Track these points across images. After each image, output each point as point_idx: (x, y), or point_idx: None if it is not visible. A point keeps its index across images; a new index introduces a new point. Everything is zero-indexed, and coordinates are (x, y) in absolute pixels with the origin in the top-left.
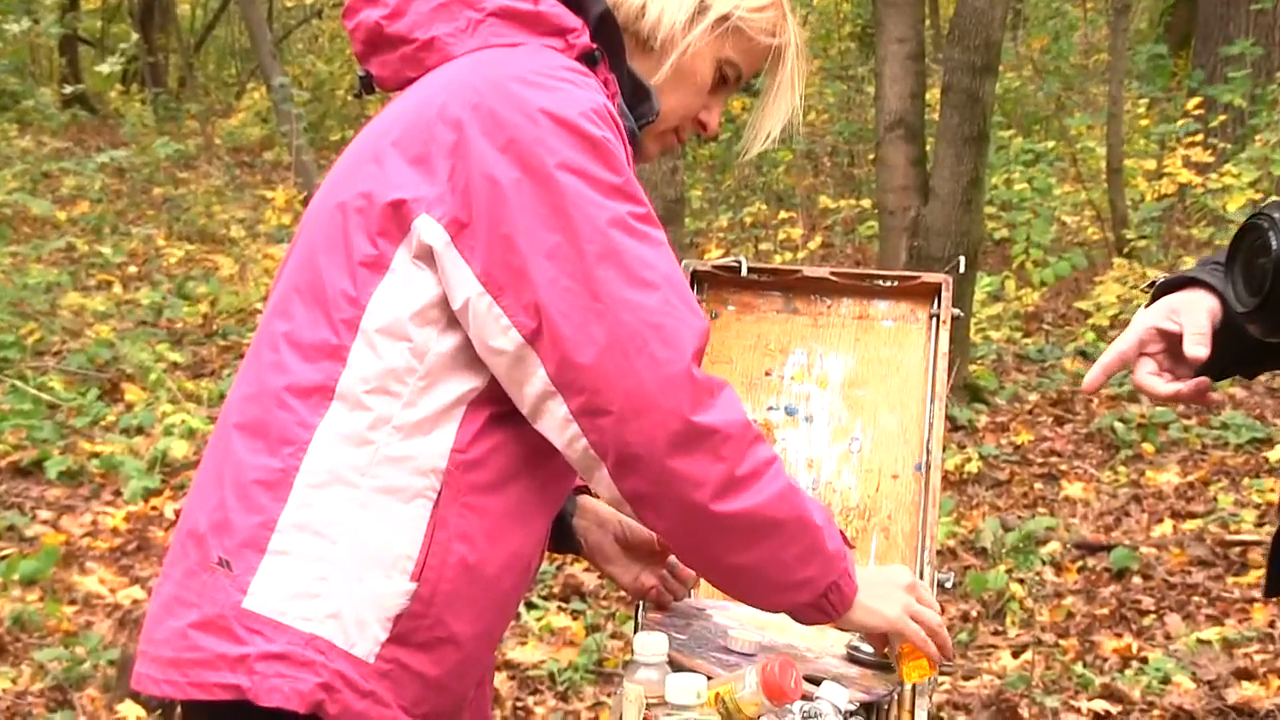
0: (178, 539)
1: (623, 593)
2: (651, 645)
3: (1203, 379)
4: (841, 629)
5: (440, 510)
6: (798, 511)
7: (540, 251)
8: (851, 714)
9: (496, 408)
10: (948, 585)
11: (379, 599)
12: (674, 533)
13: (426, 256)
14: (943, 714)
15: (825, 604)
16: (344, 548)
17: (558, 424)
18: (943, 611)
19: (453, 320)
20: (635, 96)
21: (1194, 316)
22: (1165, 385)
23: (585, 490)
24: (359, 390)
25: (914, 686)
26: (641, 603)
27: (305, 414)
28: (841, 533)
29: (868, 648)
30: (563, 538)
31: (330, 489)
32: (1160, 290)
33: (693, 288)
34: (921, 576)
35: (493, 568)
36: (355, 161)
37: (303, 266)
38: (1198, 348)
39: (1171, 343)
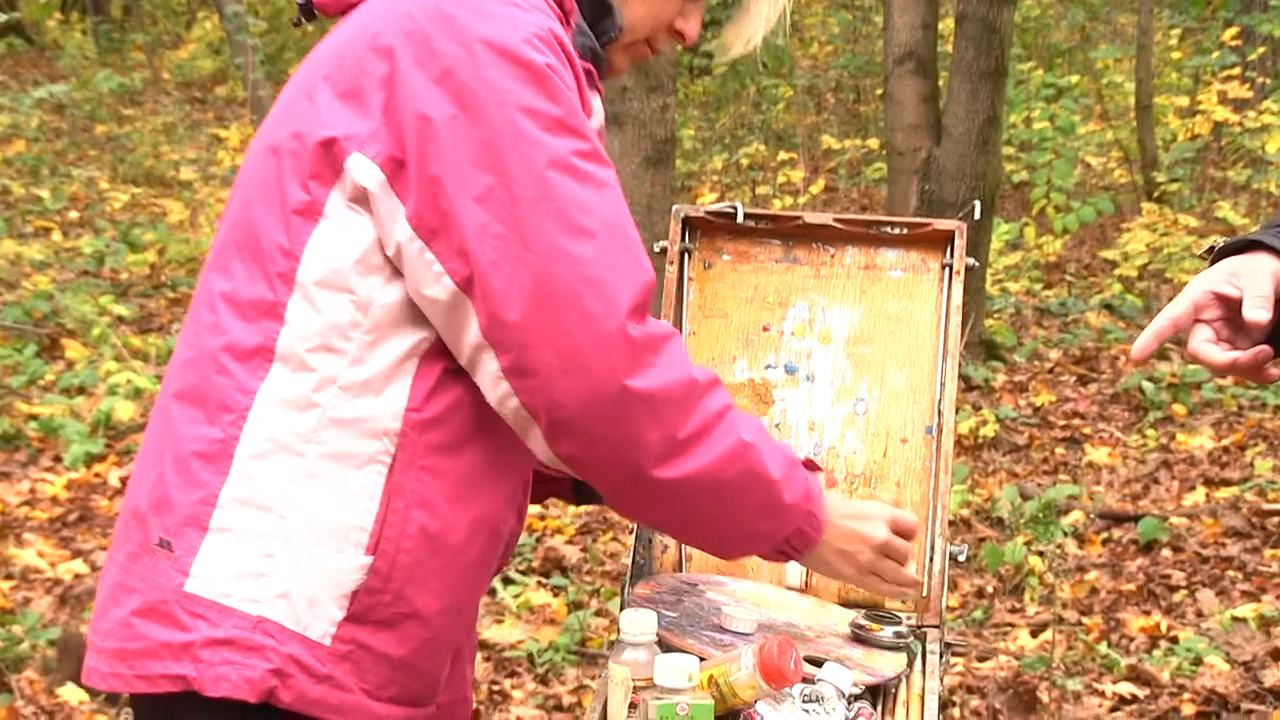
0: (122, 519)
1: (607, 567)
2: (639, 624)
3: (1264, 348)
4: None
5: (396, 476)
6: (750, 467)
7: (470, 194)
8: (856, 697)
9: (451, 361)
10: (961, 558)
11: (332, 575)
12: (614, 495)
13: (362, 199)
14: (955, 698)
15: (787, 549)
16: (292, 522)
17: (490, 380)
18: (955, 588)
19: (398, 268)
20: (596, 12)
21: (1255, 280)
22: (1222, 354)
23: None
24: (300, 350)
25: (924, 668)
26: (628, 577)
27: (244, 378)
28: (809, 462)
29: (874, 626)
30: (584, 490)
31: (274, 459)
32: (1220, 254)
33: (684, 235)
34: (932, 549)
35: (457, 535)
36: (289, 99)
37: (238, 218)
38: (1258, 311)
39: (1230, 309)
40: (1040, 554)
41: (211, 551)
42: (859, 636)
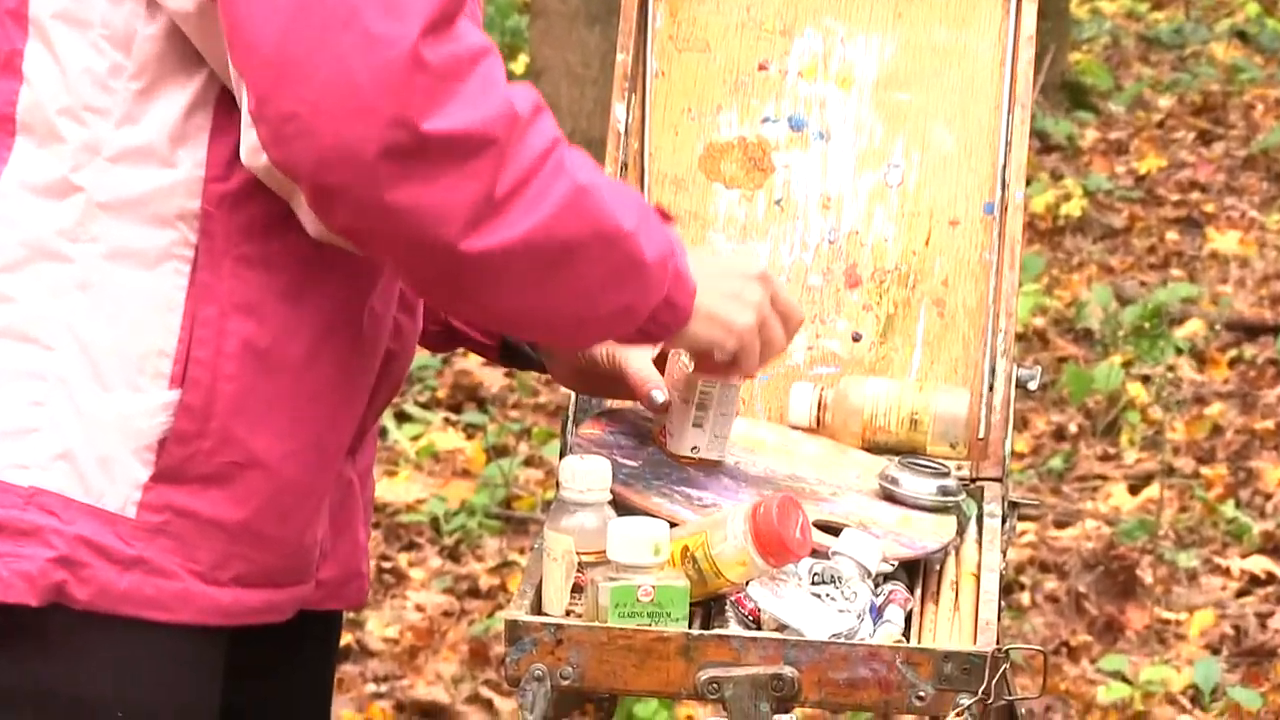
0: None
1: (542, 398)
2: (586, 476)
3: None
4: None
5: (202, 273)
6: (594, 218)
7: None
8: (886, 577)
9: None
10: (1032, 386)
11: (128, 421)
12: (416, 280)
13: None
14: (1024, 578)
15: (654, 329)
16: (64, 353)
17: (244, 123)
18: (1024, 426)
19: None
20: None
21: None
22: None
23: None
24: (48, 113)
25: (981, 537)
26: (571, 411)
27: None
28: (660, 210)
29: (912, 480)
30: (515, 347)
31: (31, 270)
32: None
33: None
34: (993, 373)
35: (298, 347)
36: None
37: None
38: None
39: None
40: (1144, 379)
41: None
42: (891, 493)
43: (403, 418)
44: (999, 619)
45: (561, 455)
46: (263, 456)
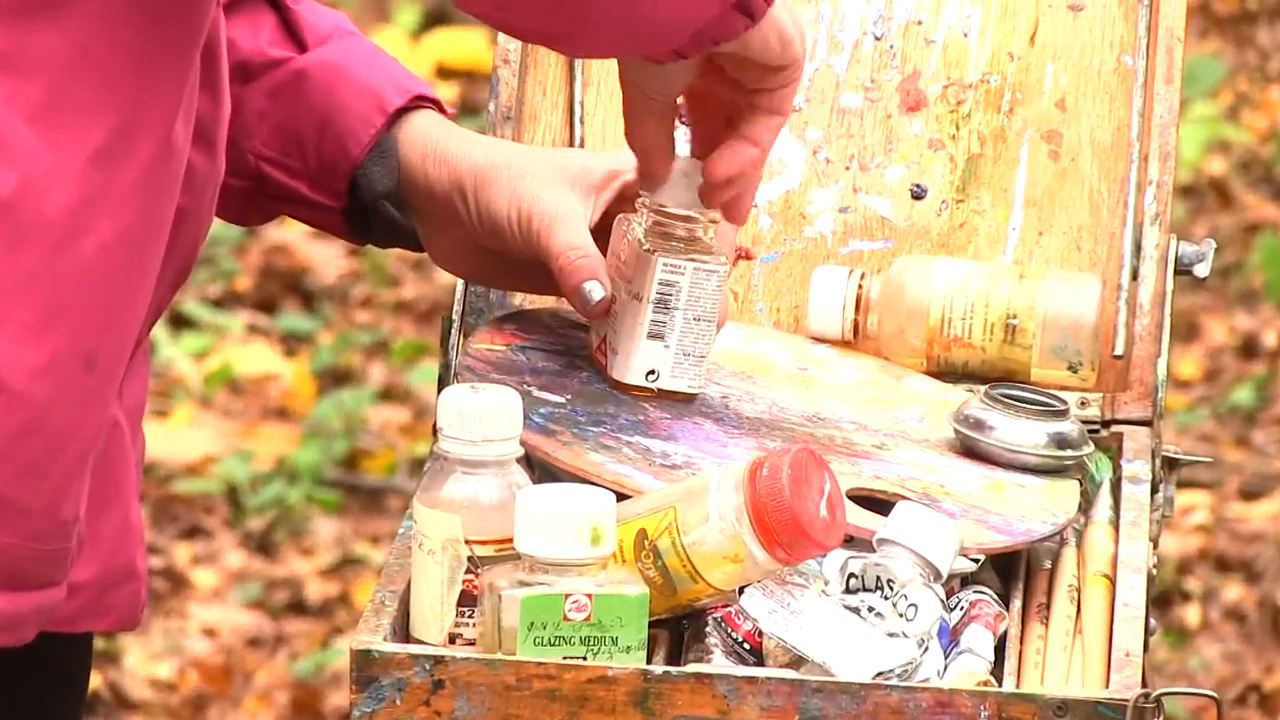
0: None
1: (407, 292)
2: (481, 418)
3: None
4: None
5: None
6: None
7: None
8: (966, 580)
9: None
10: (1202, 270)
11: None
12: None
13: None
14: (1190, 581)
15: (744, 4)
16: None
17: None
18: (1191, 337)
19: None
20: None
21: None
22: None
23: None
24: None
25: (1117, 516)
26: (458, 317)
27: None
28: None
29: (1008, 425)
30: (377, 212)
31: None
32: None
33: None
34: (1138, 249)
35: (60, 199)
36: None
37: None
38: None
39: None
40: None
41: None
42: (975, 445)
43: (180, 323)
44: (1146, 647)
45: (441, 385)
46: (1, 373)
